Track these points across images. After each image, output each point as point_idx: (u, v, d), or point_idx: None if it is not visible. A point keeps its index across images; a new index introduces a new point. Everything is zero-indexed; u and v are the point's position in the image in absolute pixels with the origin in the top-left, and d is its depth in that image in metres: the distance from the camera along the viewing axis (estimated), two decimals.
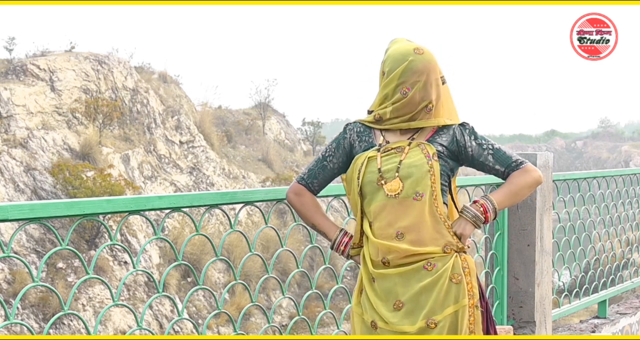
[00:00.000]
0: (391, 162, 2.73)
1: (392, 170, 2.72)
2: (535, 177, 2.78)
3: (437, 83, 2.76)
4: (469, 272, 2.70)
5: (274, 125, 28.52)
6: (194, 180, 20.52)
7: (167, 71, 24.82)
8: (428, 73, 2.72)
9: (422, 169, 2.70)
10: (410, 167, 2.70)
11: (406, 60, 2.73)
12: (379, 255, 2.73)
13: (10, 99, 17.36)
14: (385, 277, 2.73)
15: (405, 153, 2.73)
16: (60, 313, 2.52)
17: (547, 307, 4.72)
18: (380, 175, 2.73)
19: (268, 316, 3.27)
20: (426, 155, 2.71)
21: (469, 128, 2.81)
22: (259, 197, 3.13)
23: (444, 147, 2.76)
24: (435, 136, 2.77)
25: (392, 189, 2.71)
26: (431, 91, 2.73)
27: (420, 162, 2.70)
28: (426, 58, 2.74)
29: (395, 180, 2.71)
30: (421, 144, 2.74)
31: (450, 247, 2.70)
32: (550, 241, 4.80)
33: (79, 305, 14.06)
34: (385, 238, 2.71)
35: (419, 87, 2.72)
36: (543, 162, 4.61)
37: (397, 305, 2.71)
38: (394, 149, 2.76)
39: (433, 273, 2.67)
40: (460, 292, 2.66)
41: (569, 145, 60.67)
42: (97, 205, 2.55)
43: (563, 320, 9.07)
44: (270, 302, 17.37)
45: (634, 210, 6.37)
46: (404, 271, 2.70)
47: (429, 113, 2.75)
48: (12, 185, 15.62)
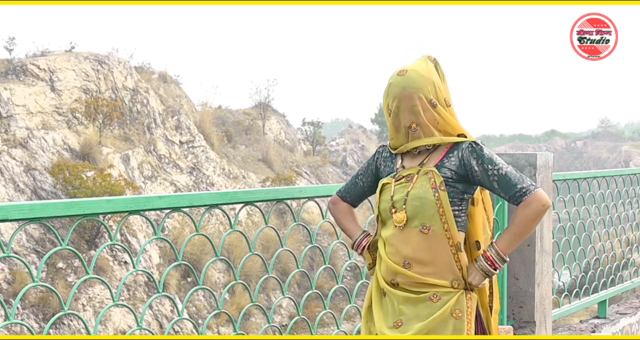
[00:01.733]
0: (401, 191, 2.74)
1: (401, 201, 2.73)
2: (538, 208, 2.67)
3: (423, 107, 2.70)
4: (471, 312, 2.71)
5: (274, 125, 28.53)
6: (194, 180, 20.52)
7: (167, 71, 24.84)
8: (404, 99, 2.70)
9: (426, 200, 2.68)
10: (415, 200, 2.70)
11: (388, 83, 2.77)
12: (389, 276, 2.77)
13: (10, 99, 17.35)
14: (394, 296, 2.76)
15: (413, 183, 2.72)
16: (60, 313, 2.52)
17: (547, 307, 4.72)
18: (392, 205, 2.76)
19: (268, 316, 3.27)
20: (432, 185, 2.69)
21: (477, 150, 2.70)
22: (259, 197, 3.13)
23: (452, 172, 2.71)
24: (445, 160, 2.73)
25: (397, 220, 2.73)
26: (412, 115, 2.70)
27: (425, 194, 2.69)
28: (405, 82, 2.71)
29: (401, 212, 2.72)
30: (429, 172, 2.71)
31: (457, 282, 2.71)
32: (550, 241, 4.80)
33: (79, 305, 14.05)
34: (395, 262, 2.75)
35: (395, 111, 2.74)
36: (543, 162, 4.60)
37: (397, 323, 2.73)
38: (404, 178, 2.76)
39: (438, 305, 2.68)
40: (458, 329, 2.67)
41: (569, 145, 60.67)
42: (97, 205, 2.55)
43: (563, 320, 9.07)
44: (270, 302, 17.37)
45: (634, 210, 6.37)
46: (410, 298, 2.72)
47: (414, 133, 2.72)
48: (12, 185, 15.62)
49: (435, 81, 2.74)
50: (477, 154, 2.70)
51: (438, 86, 2.75)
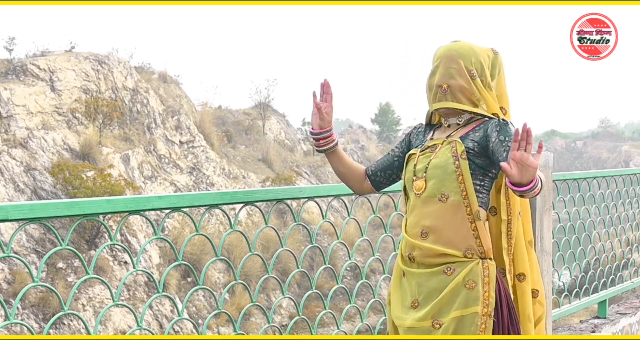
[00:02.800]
0: (423, 161, 2.77)
1: (422, 170, 2.75)
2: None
3: (460, 72, 2.73)
4: (488, 280, 2.66)
5: (274, 125, 28.53)
6: (194, 180, 20.52)
7: (167, 71, 24.84)
8: (444, 58, 2.77)
9: (447, 169, 2.69)
10: (435, 168, 2.71)
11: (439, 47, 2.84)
12: (407, 250, 2.79)
13: (10, 99, 17.35)
14: (411, 275, 2.76)
15: (436, 152, 2.74)
16: (60, 313, 2.52)
17: (547, 307, 4.72)
18: (414, 173, 2.78)
19: (268, 316, 3.27)
20: (454, 154, 2.69)
21: (502, 124, 2.66)
22: (259, 197, 3.12)
23: (475, 143, 2.69)
24: (471, 133, 2.73)
25: (417, 188, 2.75)
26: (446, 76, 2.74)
27: (445, 163, 2.69)
28: (452, 45, 2.80)
29: (421, 180, 2.74)
30: (453, 141, 2.71)
31: (471, 252, 2.67)
32: (550, 241, 4.80)
33: (79, 305, 14.05)
34: (413, 235, 2.75)
35: (433, 70, 2.80)
36: (543, 162, 4.60)
37: (414, 304, 2.74)
38: (429, 148, 2.78)
39: (452, 278, 2.66)
40: (472, 299, 2.62)
41: (569, 145, 60.67)
42: (97, 205, 2.55)
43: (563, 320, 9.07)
44: (270, 302, 17.36)
45: (634, 210, 6.37)
46: (424, 273, 2.72)
47: (443, 94, 2.75)
48: (12, 185, 15.62)
49: (482, 60, 2.78)
50: (500, 127, 2.66)
51: (484, 64, 2.78)
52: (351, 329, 14.88)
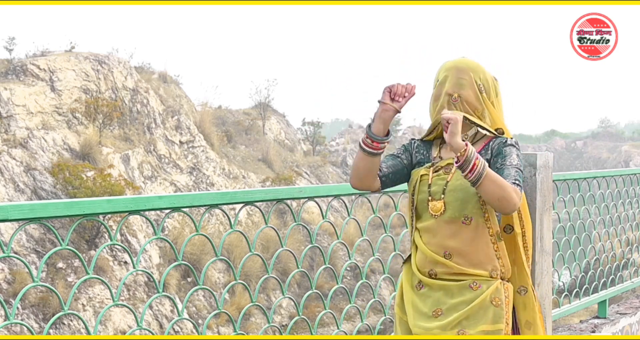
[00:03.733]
0: (439, 183, 2.78)
1: (439, 192, 2.76)
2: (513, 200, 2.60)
3: (470, 84, 2.79)
4: (509, 302, 2.75)
5: (274, 125, 28.52)
6: (194, 180, 20.52)
7: (167, 71, 24.85)
8: (455, 69, 2.81)
9: (468, 192, 2.72)
10: (456, 191, 2.73)
11: (445, 62, 2.89)
12: (427, 266, 2.79)
13: (10, 99, 17.35)
14: (433, 285, 2.77)
15: (452, 173, 2.76)
16: (60, 313, 2.52)
17: (547, 307, 4.72)
18: (429, 195, 2.78)
19: (268, 316, 3.27)
20: None
21: (507, 145, 2.75)
22: (259, 197, 3.12)
23: (488, 162, 2.74)
24: (482, 152, 2.78)
25: (434, 209, 2.76)
26: (457, 86, 2.78)
27: (466, 185, 2.71)
28: (462, 60, 2.85)
29: (439, 201, 2.75)
30: None
31: (496, 273, 2.74)
32: (550, 241, 4.79)
33: (79, 305, 14.05)
34: (436, 254, 2.76)
35: (442, 80, 2.82)
36: (543, 162, 4.60)
37: (436, 312, 2.75)
38: (442, 168, 2.80)
39: (478, 293, 2.71)
40: (498, 316, 2.70)
41: (569, 145, 60.67)
42: (97, 205, 2.55)
43: (563, 320, 9.07)
44: (270, 302, 17.36)
45: (634, 210, 6.37)
46: (450, 286, 2.74)
47: (454, 103, 2.78)
48: (12, 185, 15.62)
49: (488, 79, 2.85)
50: (507, 146, 2.75)
51: (489, 83, 2.85)
52: (351, 329, 14.88)
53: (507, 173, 2.68)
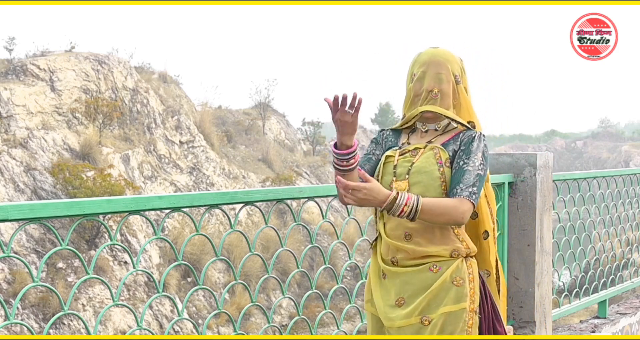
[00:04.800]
0: (405, 164, 2.77)
1: (404, 173, 2.76)
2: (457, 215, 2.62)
3: (447, 78, 2.79)
4: (473, 278, 2.73)
5: (274, 125, 28.52)
6: (194, 180, 20.52)
7: (167, 71, 24.84)
8: (432, 64, 2.80)
9: (432, 174, 2.72)
10: (420, 172, 2.73)
11: (418, 54, 2.88)
12: (389, 254, 2.78)
13: (10, 99, 17.36)
14: (394, 274, 2.77)
15: (419, 156, 2.76)
16: (60, 313, 2.52)
17: (547, 307, 4.72)
18: (394, 176, 2.77)
19: (268, 316, 3.27)
20: (438, 160, 2.73)
21: (475, 140, 2.74)
22: (259, 197, 3.12)
23: (454, 153, 2.76)
24: (452, 142, 2.78)
25: (399, 189, 2.73)
26: (436, 81, 2.78)
27: (430, 168, 2.72)
28: (436, 52, 2.84)
29: (403, 181, 2.74)
30: (436, 148, 2.75)
31: (457, 252, 2.73)
32: (550, 241, 4.80)
33: (79, 305, 14.06)
34: (395, 238, 2.76)
35: (420, 76, 2.81)
36: (543, 162, 4.60)
37: (399, 301, 2.75)
38: (410, 151, 2.80)
39: (438, 275, 2.70)
40: (460, 295, 2.68)
41: (569, 145, 60.69)
42: (97, 205, 2.55)
43: (563, 320, 9.07)
44: (270, 302, 17.37)
45: (634, 210, 6.37)
46: (410, 271, 2.73)
47: (434, 98, 2.78)
48: (12, 185, 15.62)
49: (461, 66, 2.86)
50: (470, 141, 2.75)
51: (463, 70, 2.86)
52: (351, 329, 14.87)
53: (466, 178, 2.67)
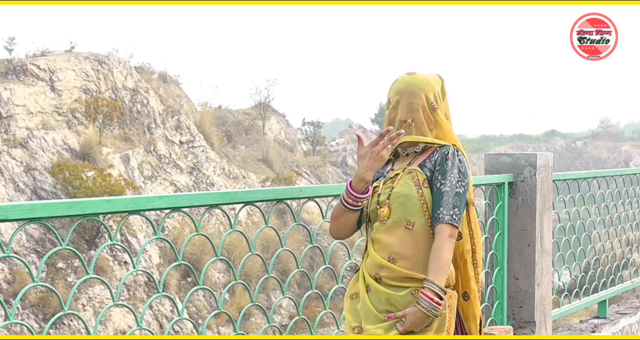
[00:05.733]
0: (386, 191, 2.82)
1: (385, 200, 2.81)
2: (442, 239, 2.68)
3: (422, 106, 2.81)
4: (450, 311, 2.74)
5: (274, 125, 28.51)
6: (194, 180, 20.52)
7: (167, 71, 24.82)
8: (406, 93, 2.82)
9: (410, 197, 2.75)
10: (399, 196, 2.77)
11: (395, 80, 2.89)
12: (373, 270, 2.80)
13: (10, 99, 17.36)
14: (378, 291, 2.78)
15: (398, 181, 2.80)
16: (60, 313, 2.52)
17: (547, 307, 4.73)
18: (378, 203, 2.82)
19: (268, 316, 3.27)
20: (416, 183, 2.77)
21: (450, 157, 2.76)
22: (259, 197, 3.12)
23: (431, 172, 2.78)
24: (427, 160, 2.81)
25: (381, 215, 2.80)
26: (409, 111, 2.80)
27: (408, 191, 2.76)
28: (411, 80, 2.85)
29: (385, 207, 2.79)
30: (413, 170, 2.79)
31: None
32: (550, 241, 4.80)
33: (79, 305, 14.06)
34: (380, 257, 2.79)
35: (395, 105, 2.84)
36: (543, 162, 4.60)
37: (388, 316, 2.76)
38: (391, 179, 2.84)
39: None
40: (441, 326, 2.70)
41: (569, 145, 60.67)
42: (97, 205, 2.55)
43: (563, 320, 9.07)
44: (270, 302, 17.37)
45: (634, 210, 6.37)
46: (393, 293, 2.74)
47: (408, 128, 2.81)
48: (12, 185, 15.62)
49: (439, 90, 2.87)
50: (444, 160, 2.77)
51: (440, 95, 2.87)
52: None
53: (445, 201, 2.71)
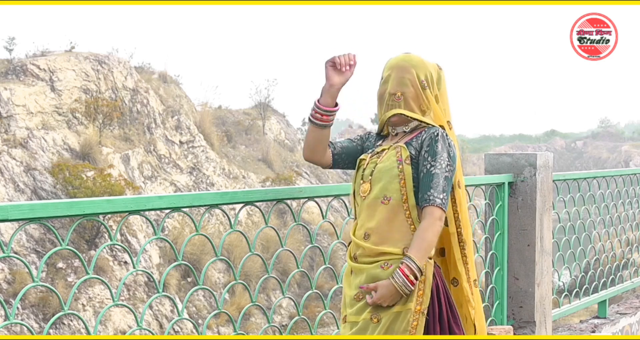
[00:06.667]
0: (370, 166, 2.85)
1: (369, 174, 2.84)
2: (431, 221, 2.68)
3: (413, 82, 2.83)
4: (424, 279, 2.72)
5: (274, 125, 28.50)
6: (194, 180, 20.52)
7: (167, 71, 24.80)
8: (397, 68, 2.86)
9: (390, 173, 2.77)
10: (381, 172, 2.79)
11: (390, 59, 2.94)
12: (353, 251, 2.85)
13: (10, 99, 17.35)
14: (356, 270, 2.83)
15: (382, 157, 2.83)
16: (60, 313, 2.52)
17: (547, 307, 4.73)
18: (362, 178, 2.85)
19: (268, 316, 3.27)
20: (398, 158, 2.78)
21: (437, 138, 2.76)
22: (259, 197, 3.13)
23: (416, 151, 2.79)
24: (414, 139, 2.82)
25: (362, 191, 2.83)
26: (400, 85, 2.83)
27: (390, 167, 2.78)
28: (405, 57, 2.90)
29: (366, 183, 2.82)
30: (398, 146, 2.81)
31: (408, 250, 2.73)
32: (550, 241, 4.80)
33: (79, 305, 14.06)
34: (358, 237, 2.83)
35: (385, 79, 2.88)
36: (543, 162, 4.60)
37: (357, 297, 2.80)
38: (377, 153, 2.87)
39: (388, 273, 2.72)
40: (409, 296, 2.69)
41: (569, 145, 60.66)
42: (97, 205, 2.55)
43: (563, 320, 9.06)
44: (270, 302, 17.36)
45: (634, 210, 6.37)
46: (365, 268, 2.78)
47: (397, 101, 2.83)
48: (12, 185, 15.62)
49: (432, 73, 2.88)
50: (434, 141, 2.77)
51: (433, 77, 2.88)
52: None
53: (435, 183, 2.71)
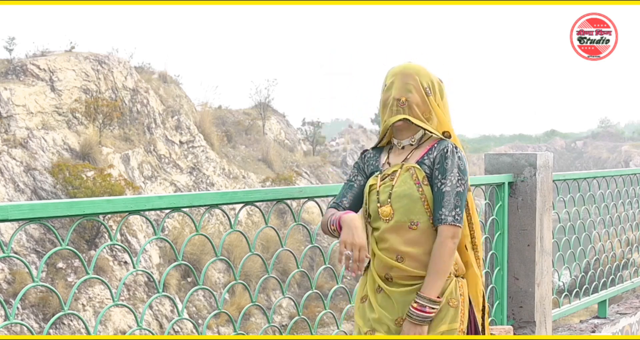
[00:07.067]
0: (386, 190, 2.82)
1: (386, 199, 2.81)
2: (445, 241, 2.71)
3: (416, 88, 2.83)
4: (464, 299, 2.78)
5: (274, 125, 28.51)
6: (194, 180, 20.52)
7: (167, 71, 24.82)
8: (400, 75, 2.86)
9: (411, 197, 2.76)
10: (401, 197, 2.77)
11: (391, 68, 2.94)
12: (383, 271, 2.82)
13: (10, 99, 17.35)
14: (390, 292, 2.81)
15: (396, 179, 2.81)
16: (60, 313, 2.52)
17: (547, 307, 4.73)
18: (378, 203, 2.82)
19: (268, 316, 3.27)
20: (415, 181, 2.77)
21: (450, 156, 2.77)
22: (259, 197, 3.13)
23: (430, 169, 2.79)
24: (425, 157, 2.81)
25: (384, 214, 2.80)
26: (404, 90, 2.83)
27: (410, 191, 2.77)
28: (407, 65, 2.91)
29: (387, 206, 2.80)
30: (411, 168, 2.80)
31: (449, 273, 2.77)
32: (550, 241, 4.80)
33: (79, 305, 14.05)
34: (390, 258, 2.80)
35: (389, 85, 2.88)
36: (543, 162, 4.61)
37: (398, 321, 2.78)
38: (389, 176, 2.84)
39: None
40: (456, 316, 2.74)
41: (569, 145, 60.66)
42: (97, 205, 2.55)
43: (563, 320, 9.06)
44: (270, 302, 17.36)
45: (634, 210, 6.37)
46: (404, 292, 2.77)
47: (401, 107, 2.83)
48: (12, 185, 15.62)
49: (433, 81, 2.89)
50: (443, 158, 2.78)
51: (435, 85, 2.89)
52: (351, 329, 14.84)
53: (446, 201, 2.72)
